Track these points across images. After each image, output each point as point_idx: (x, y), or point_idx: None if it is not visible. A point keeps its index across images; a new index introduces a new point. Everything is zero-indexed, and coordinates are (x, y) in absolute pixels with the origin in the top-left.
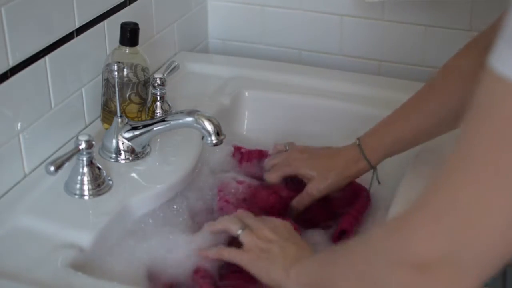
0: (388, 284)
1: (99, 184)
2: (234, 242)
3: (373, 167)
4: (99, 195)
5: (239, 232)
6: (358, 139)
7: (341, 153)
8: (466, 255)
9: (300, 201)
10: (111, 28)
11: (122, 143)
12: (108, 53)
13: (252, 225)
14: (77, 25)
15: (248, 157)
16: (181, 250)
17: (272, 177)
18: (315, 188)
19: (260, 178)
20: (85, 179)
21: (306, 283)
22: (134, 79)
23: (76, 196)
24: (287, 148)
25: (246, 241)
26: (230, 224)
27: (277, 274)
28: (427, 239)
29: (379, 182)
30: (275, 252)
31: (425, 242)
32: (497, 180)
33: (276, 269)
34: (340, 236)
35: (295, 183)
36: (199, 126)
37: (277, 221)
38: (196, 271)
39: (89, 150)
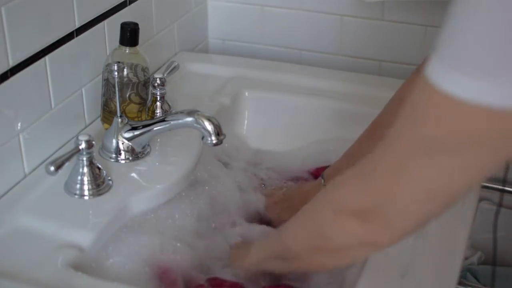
0: (333, 231)
1: (99, 184)
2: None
3: None
4: (99, 195)
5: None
6: (323, 178)
7: (309, 195)
8: (388, 210)
9: None
10: (111, 28)
11: (122, 143)
12: (108, 53)
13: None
14: (77, 25)
15: None
16: (181, 250)
17: None
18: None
19: None
20: (85, 179)
21: (266, 257)
22: (134, 79)
23: (76, 196)
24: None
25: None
26: None
27: (243, 258)
28: (356, 193)
29: None
30: (232, 255)
31: (355, 195)
32: (408, 155)
33: (243, 260)
34: None
35: None
36: (199, 126)
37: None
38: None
39: (89, 150)
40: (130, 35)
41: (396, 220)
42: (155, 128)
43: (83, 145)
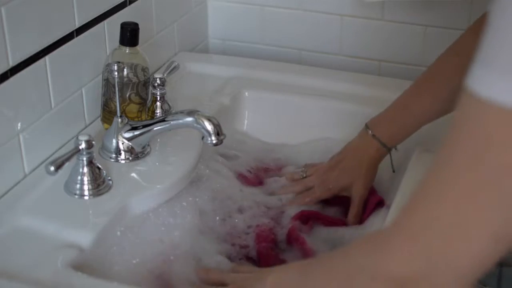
0: None
1: (99, 184)
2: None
3: (390, 150)
4: (99, 195)
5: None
6: (368, 127)
7: (363, 149)
8: (443, 273)
9: (353, 212)
10: (111, 28)
11: (122, 143)
12: (108, 53)
13: (225, 279)
14: (77, 25)
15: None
16: (181, 250)
17: (307, 201)
18: (358, 196)
19: None
20: (85, 179)
21: None
22: (134, 79)
23: (76, 196)
24: (305, 174)
25: (229, 280)
26: (213, 276)
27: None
28: (405, 258)
29: (393, 171)
30: (249, 278)
31: (403, 261)
32: (470, 200)
33: (253, 286)
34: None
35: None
36: (199, 126)
37: (244, 267)
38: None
39: (89, 150)
40: (130, 35)
41: (453, 281)
42: (155, 128)
43: (83, 145)
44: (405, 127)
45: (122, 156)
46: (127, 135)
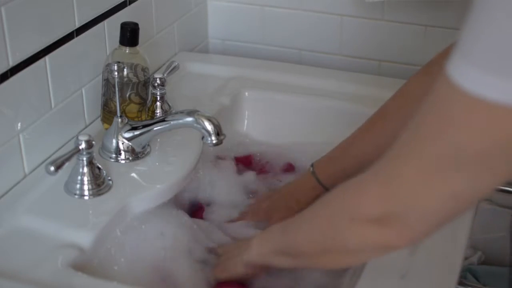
0: (347, 237)
1: (99, 184)
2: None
3: (328, 189)
4: (99, 195)
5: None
6: (312, 165)
7: (299, 185)
8: (411, 213)
9: None
10: (111, 28)
11: (122, 143)
12: (108, 53)
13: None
14: (77, 25)
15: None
16: (180, 250)
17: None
18: (277, 221)
19: None
20: (85, 179)
21: (269, 251)
22: (134, 79)
23: (76, 196)
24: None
25: (214, 262)
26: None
27: (240, 255)
28: (377, 199)
29: None
30: (232, 250)
31: (376, 202)
32: (431, 165)
33: (239, 254)
34: None
35: None
36: (199, 126)
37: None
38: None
39: (89, 150)
40: (130, 35)
41: (418, 224)
42: (155, 128)
43: (83, 145)
44: (344, 168)
45: (122, 156)
46: (127, 135)
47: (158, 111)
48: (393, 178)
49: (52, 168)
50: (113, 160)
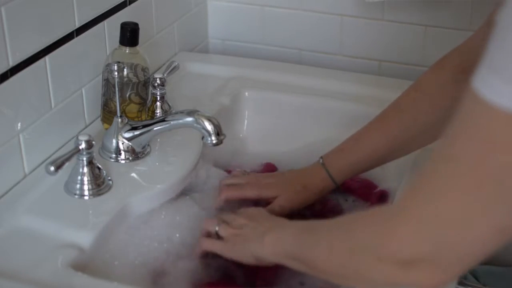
0: (371, 276)
1: (99, 184)
2: None
3: (338, 185)
4: (99, 195)
5: (216, 228)
6: (321, 157)
7: (307, 173)
8: (446, 256)
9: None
10: (111, 28)
11: (122, 143)
12: (108, 53)
13: (227, 219)
14: (77, 25)
15: None
16: (181, 250)
17: (229, 195)
18: (282, 203)
19: None
20: (85, 179)
21: (283, 253)
22: (134, 79)
23: (76, 196)
24: (246, 174)
25: (223, 234)
26: (208, 226)
27: (253, 247)
28: (410, 240)
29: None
30: (247, 232)
31: (408, 242)
32: (474, 195)
33: (251, 244)
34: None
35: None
36: (199, 126)
37: (251, 209)
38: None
39: (89, 150)
40: (130, 35)
41: (453, 267)
42: (155, 128)
43: (83, 145)
44: (355, 161)
45: (122, 156)
46: (127, 135)
47: (158, 111)
48: (427, 217)
49: (52, 168)
50: (113, 160)
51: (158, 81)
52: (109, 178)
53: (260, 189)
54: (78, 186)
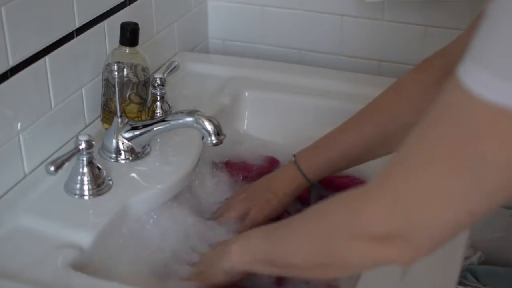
0: (346, 255)
1: (99, 184)
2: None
3: (312, 184)
4: (99, 195)
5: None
6: (294, 155)
7: (278, 175)
8: (419, 233)
9: (244, 228)
10: (111, 28)
11: (122, 143)
12: (108, 53)
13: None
14: (77, 25)
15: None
16: (181, 250)
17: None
18: (254, 215)
19: None
20: (85, 179)
21: (251, 259)
22: (134, 79)
23: (76, 196)
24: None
25: (195, 271)
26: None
27: (221, 263)
28: (384, 216)
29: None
30: (211, 256)
31: (381, 219)
32: (448, 180)
33: (219, 262)
34: None
35: None
36: (199, 126)
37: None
38: None
39: (89, 150)
40: (130, 35)
41: (425, 243)
42: (155, 128)
43: (83, 145)
44: (328, 159)
45: (122, 156)
46: (127, 135)
47: (158, 111)
48: (402, 195)
49: (52, 168)
50: (113, 160)
51: (158, 81)
52: (109, 178)
53: (234, 210)
54: (78, 186)
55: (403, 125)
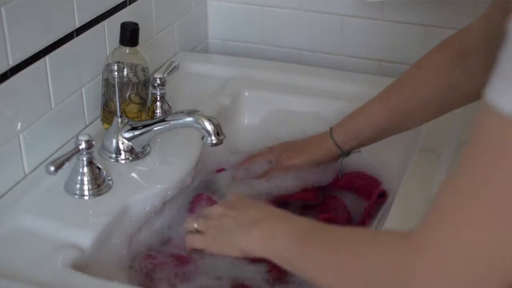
0: None
1: (99, 184)
2: None
3: (343, 152)
4: (99, 195)
5: (195, 225)
6: (331, 128)
7: (311, 138)
8: None
9: (270, 170)
10: (111, 28)
11: (122, 143)
12: (108, 53)
13: (205, 211)
14: (77, 25)
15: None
16: (181, 250)
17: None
18: (282, 162)
19: None
20: (85, 179)
21: (274, 254)
22: (134, 79)
23: (76, 196)
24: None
25: (201, 228)
26: (188, 224)
27: (238, 240)
28: (431, 278)
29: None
30: (227, 223)
31: (428, 281)
32: (504, 223)
33: (235, 237)
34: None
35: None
36: (199, 126)
37: (230, 197)
38: None
39: (89, 150)
40: (130, 35)
41: None
42: (155, 128)
43: (83, 145)
44: (358, 129)
45: (122, 156)
46: (127, 135)
47: (158, 111)
48: (450, 253)
49: (52, 168)
50: (113, 160)
51: (158, 81)
52: (109, 178)
53: (263, 156)
54: (78, 186)
55: (421, 100)
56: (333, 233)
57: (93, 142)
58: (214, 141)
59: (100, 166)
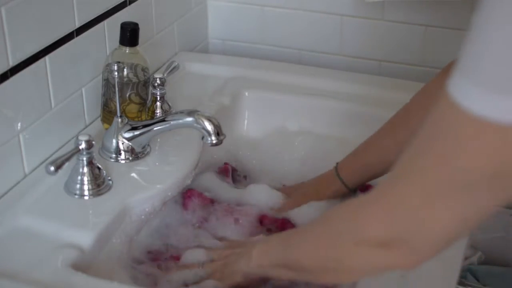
0: (352, 260)
1: (99, 184)
2: None
3: (351, 190)
4: (99, 195)
5: (200, 269)
6: (337, 163)
7: (317, 179)
8: (416, 238)
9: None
10: (111, 28)
11: (122, 143)
12: (108, 53)
13: (212, 255)
14: (77, 25)
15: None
16: (182, 250)
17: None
18: (289, 205)
19: None
20: (85, 179)
21: (269, 264)
22: (134, 79)
23: (76, 196)
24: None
25: (210, 270)
26: (191, 269)
27: (241, 265)
28: (382, 224)
29: None
30: (233, 258)
31: (380, 226)
32: (438, 190)
33: (239, 264)
34: None
35: None
36: (199, 126)
37: (234, 240)
38: None
39: (89, 150)
40: (130, 35)
41: (425, 247)
42: (155, 128)
43: (83, 145)
44: (364, 164)
45: (122, 156)
46: (127, 135)
47: (158, 111)
48: (397, 203)
49: (52, 168)
50: (113, 160)
51: (158, 81)
52: (109, 178)
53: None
54: (78, 186)
55: None
56: (312, 221)
57: (93, 142)
58: (214, 141)
59: (100, 166)
